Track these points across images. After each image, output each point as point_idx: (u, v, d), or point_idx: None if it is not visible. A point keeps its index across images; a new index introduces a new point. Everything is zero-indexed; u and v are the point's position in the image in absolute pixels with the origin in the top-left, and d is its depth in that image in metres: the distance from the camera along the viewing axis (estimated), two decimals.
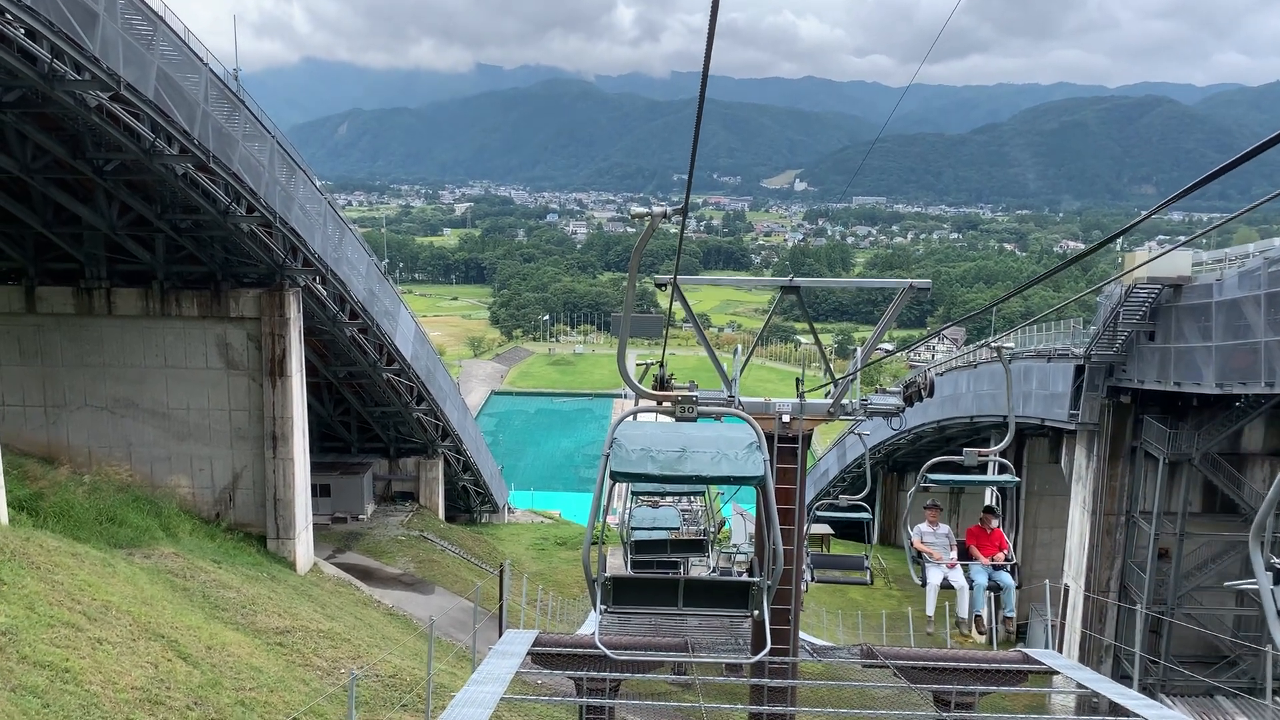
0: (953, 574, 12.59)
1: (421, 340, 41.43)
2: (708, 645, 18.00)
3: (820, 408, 10.49)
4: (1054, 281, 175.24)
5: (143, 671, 13.80)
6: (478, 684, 8.30)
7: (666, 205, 7.44)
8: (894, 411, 10.35)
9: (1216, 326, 24.74)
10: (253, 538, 31.16)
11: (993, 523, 13.21)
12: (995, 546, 13.01)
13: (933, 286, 10.40)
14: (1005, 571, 12.74)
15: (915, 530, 13.10)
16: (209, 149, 23.92)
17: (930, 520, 13.19)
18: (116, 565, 19.08)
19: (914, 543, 12.93)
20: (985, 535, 13.19)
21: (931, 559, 12.65)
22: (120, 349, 30.97)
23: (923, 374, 9.92)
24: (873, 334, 10.20)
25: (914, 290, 10.01)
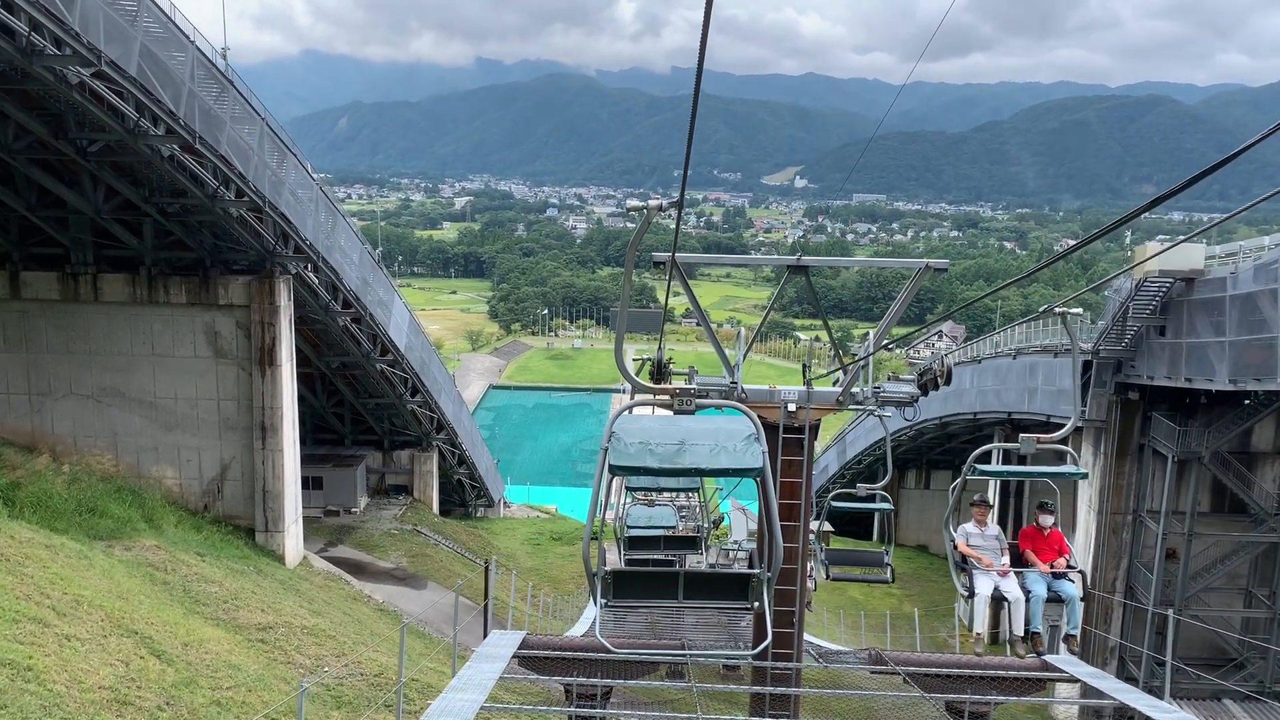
0: (1005, 583, 10.96)
1: (416, 331, 40.75)
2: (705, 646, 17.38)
3: (829, 396, 9.83)
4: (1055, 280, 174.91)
5: (112, 670, 13.13)
6: (456, 691, 7.65)
7: (663, 199, 7.40)
8: (908, 400, 9.69)
9: (1230, 321, 24.08)
10: (241, 530, 30.51)
11: (1048, 521, 11.55)
12: (1054, 550, 11.36)
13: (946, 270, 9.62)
14: (1067, 580, 11.08)
15: (959, 531, 11.37)
16: (195, 130, 23.22)
17: (977, 519, 11.53)
18: (94, 558, 18.43)
19: (958, 546, 11.24)
20: (1041, 537, 11.51)
21: (980, 565, 11.02)
22: (107, 336, 30.30)
23: (939, 360, 9.26)
24: (887, 315, 9.54)
25: (930, 271, 9.35)
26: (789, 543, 9.76)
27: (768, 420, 9.82)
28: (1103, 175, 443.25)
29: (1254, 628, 30.33)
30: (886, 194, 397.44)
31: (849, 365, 9.87)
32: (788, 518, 9.72)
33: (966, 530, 11.39)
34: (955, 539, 11.36)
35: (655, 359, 9.51)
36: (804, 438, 9.64)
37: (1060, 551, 11.33)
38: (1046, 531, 11.45)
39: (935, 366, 9.26)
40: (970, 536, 11.34)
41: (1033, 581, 10.98)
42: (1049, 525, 11.46)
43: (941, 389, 31.34)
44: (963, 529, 11.39)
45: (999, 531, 11.53)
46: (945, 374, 9.20)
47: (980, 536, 11.36)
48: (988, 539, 11.35)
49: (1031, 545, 11.41)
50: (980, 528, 11.44)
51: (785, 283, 10.29)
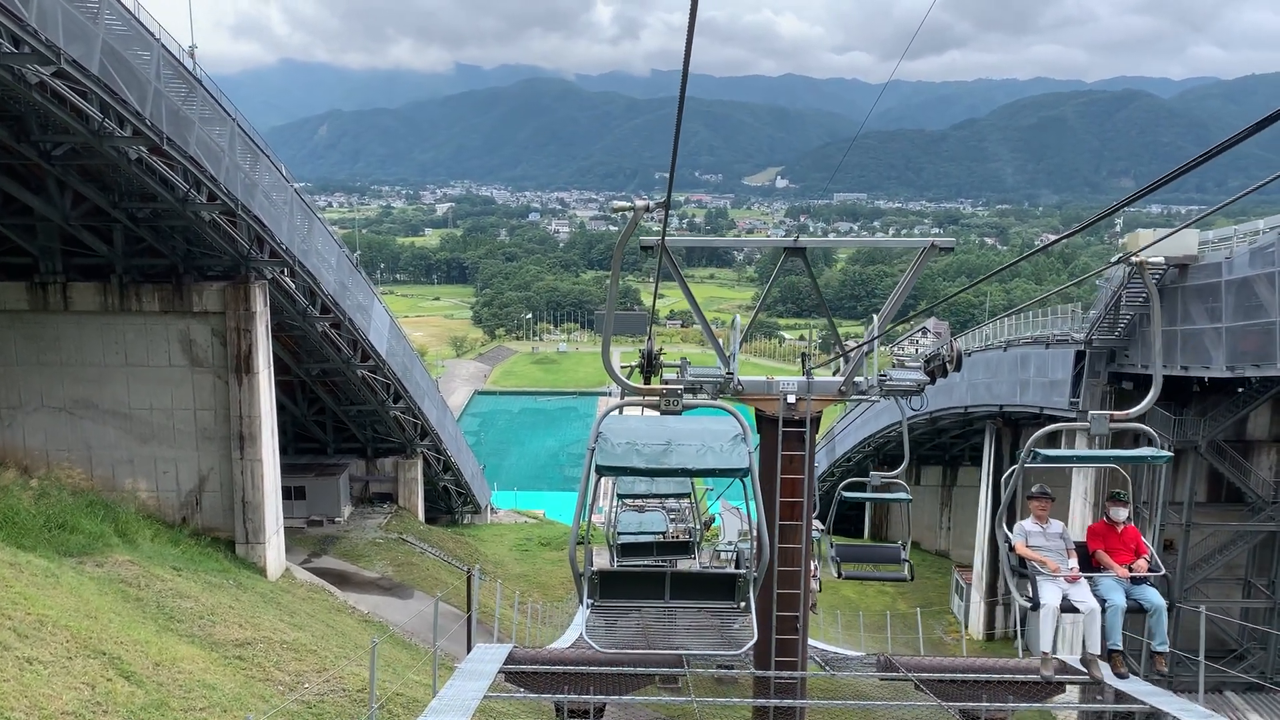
0: (1076, 591, 9.26)
1: (397, 335, 40.04)
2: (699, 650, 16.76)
3: (830, 386, 9.25)
4: (1036, 275, 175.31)
5: (76, 694, 12.44)
6: (436, 714, 7.02)
7: (650, 200, 7.39)
8: (915, 389, 9.10)
9: (1226, 307, 23.67)
10: (221, 543, 29.74)
11: (1122, 515, 9.85)
12: (1130, 550, 9.62)
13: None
14: (1149, 585, 9.42)
15: (1017, 529, 9.71)
16: (163, 131, 22.50)
17: (1037, 516, 9.81)
18: (62, 575, 17.70)
19: (1016, 548, 9.58)
20: (1114, 534, 9.76)
21: (1045, 570, 9.31)
22: (78, 347, 29.48)
23: (948, 344, 8.69)
24: (892, 297, 8.97)
25: (936, 250, 8.79)
26: (791, 543, 9.21)
27: (766, 413, 9.27)
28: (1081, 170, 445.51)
29: (1253, 618, 29.94)
30: (867, 193, 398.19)
31: (851, 352, 9.30)
32: (789, 516, 9.16)
33: (1025, 529, 9.74)
34: (1012, 539, 9.69)
35: (645, 350, 8.94)
36: (805, 431, 9.06)
37: (1138, 551, 9.63)
38: (1120, 528, 9.80)
39: (944, 352, 8.69)
40: (1030, 536, 9.69)
41: (1108, 588, 9.36)
42: (1123, 520, 9.84)
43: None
44: (1020, 527, 9.76)
45: (1063, 529, 9.90)
46: (955, 359, 8.61)
47: (1042, 535, 9.71)
48: (1051, 538, 9.70)
49: (1103, 544, 9.76)
50: (1041, 525, 9.79)
51: (781, 266, 9.72)
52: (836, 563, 14.91)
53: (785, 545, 9.19)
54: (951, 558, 49.41)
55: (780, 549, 9.20)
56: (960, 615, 42.57)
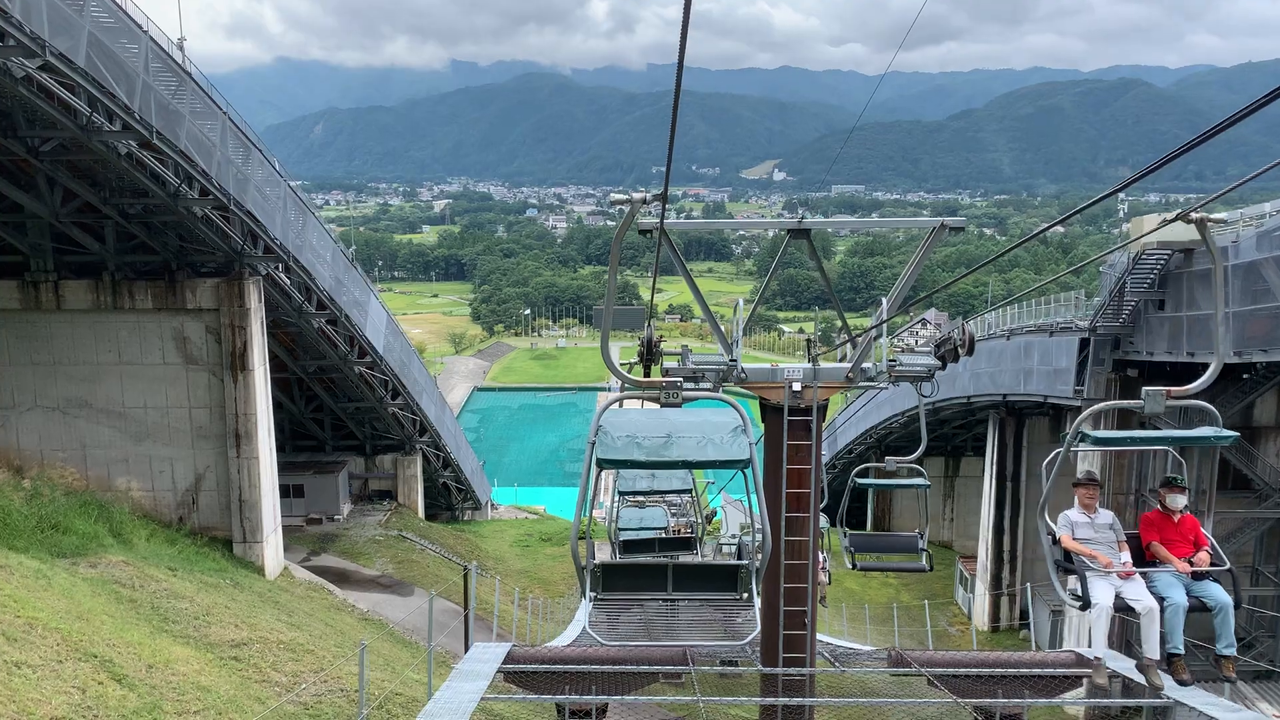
0: (1131, 588, 8.33)
1: (394, 331, 39.70)
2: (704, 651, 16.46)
3: (837, 373, 8.93)
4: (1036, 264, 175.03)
5: (66, 698, 12.13)
6: (430, 719, 6.71)
7: (647, 192, 7.39)
8: (925, 375, 8.77)
9: (1233, 291, 23.35)
10: (218, 542, 29.46)
11: (1180, 503, 8.80)
12: (1189, 542, 8.63)
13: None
14: (1212, 581, 8.47)
15: (1061, 520, 8.83)
16: (152, 124, 22.12)
17: (1084, 503, 8.95)
18: (54, 577, 17.39)
19: (1061, 540, 8.67)
20: (1170, 524, 8.76)
21: (1096, 565, 8.37)
22: (71, 345, 29.17)
23: (960, 327, 8.37)
24: (901, 279, 8.65)
25: (946, 231, 8.47)
26: (798, 535, 8.91)
27: (771, 402, 8.96)
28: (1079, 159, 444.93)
29: (1262, 605, 29.68)
30: (865, 184, 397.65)
31: (858, 338, 8.98)
32: (796, 508, 8.85)
33: (1071, 519, 8.86)
34: (1056, 531, 8.79)
35: (645, 338, 8.63)
36: (811, 420, 8.75)
37: (1197, 543, 8.63)
38: (1177, 517, 8.78)
39: (955, 335, 8.36)
40: (1077, 527, 8.79)
41: (1167, 585, 8.38)
42: (1180, 508, 8.80)
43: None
44: (1065, 517, 8.87)
45: (1113, 519, 8.95)
46: (967, 343, 8.28)
47: (1090, 526, 8.79)
48: (1100, 529, 8.77)
49: (1159, 535, 8.73)
50: (1089, 515, 8.89)
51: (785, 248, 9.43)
52: (850, 553, 14.04)
53: (792, 538, 8.88)
54: (955, 549, 49.09)
55: (787, 542, 8.90)
56: (965, 606, 42.31)
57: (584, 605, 14.44)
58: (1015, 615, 38.94)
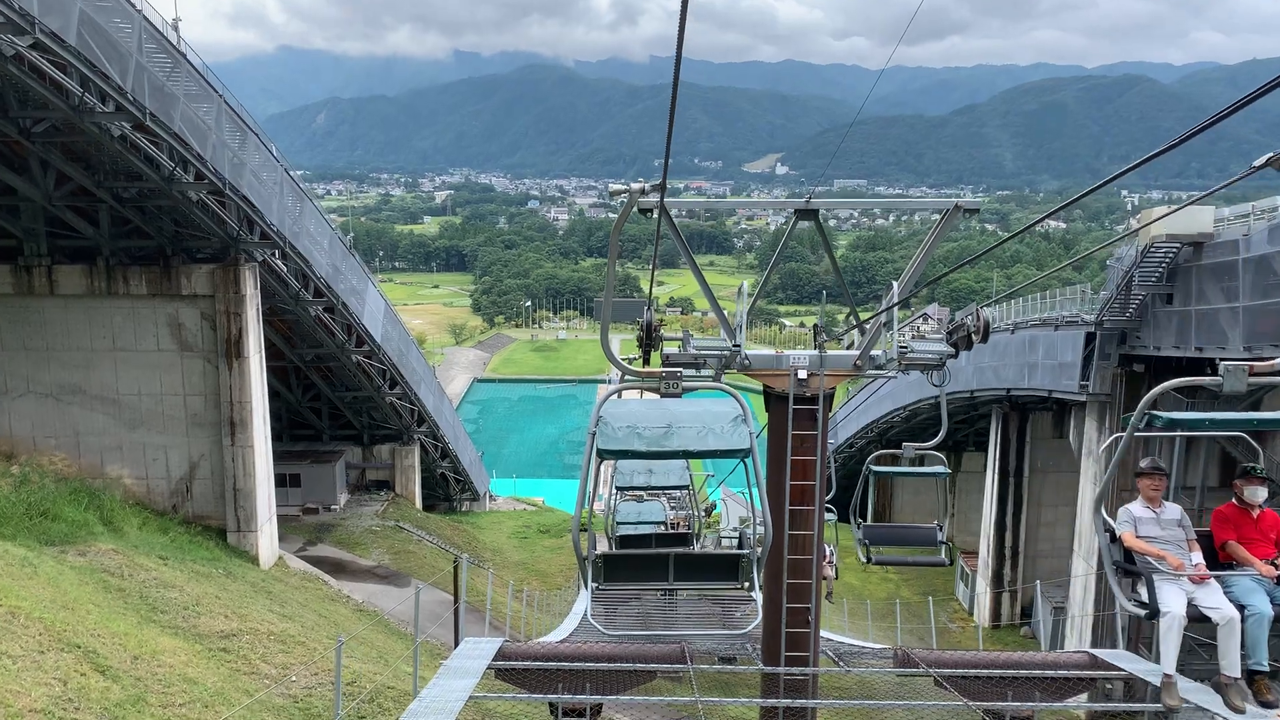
0: (1206, 594, 7.25)
1: (393, 320, 39.35)
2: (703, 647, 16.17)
3: (845, 360, 8.57)
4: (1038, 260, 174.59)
5: (46, 690, 11.80)
6: (415, 718, 6.37)
7: (646, 183, 7.35)
8: (937, 362, 8.41)
9: (1243, 286, 22.96)
10: (212, 531, 29.13)
11: (1260, 496, 7.66)
12: (1272, 541, 7.56)
13: None
14: None
15: (1123, 515, 7.82)
16: (145, 106, 21.75)
17: (1148, 496, 7.89)
18: (40, 565, 17.05)
19: (1123, 538, 7.64)
20: (1248, 520, 7.68)
21: (1165, 567, 7.30)
22: (65, 331, 28.82)
23: (973, 313, 8.00)
24: (913, 261, 8.30)
25: (960, 212, 8.10)
26: (803, 529, 8.57)
27: (775, 390, 8.61)
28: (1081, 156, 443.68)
29: None
30: (867, 179, 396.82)
31: (868, 321, 8.62)
32: (800, 500, 8.51)
33: (1134, 514, 7.79)
34: (1115, 527, 7.78)
35: (644, 322, 8.29)
36: (817, 409, 8.40)
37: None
38: (1256, 512, 7.66)
39: (969, 321, 8.01)
40: (1140, 523, 7.70)
41: (1248, 591, 7.24)
42: (1260, 502, 7.66)
43: None
44: (1127, 512, 7.82)
45: (1182, 514, 7.84)
46: (982, 329, 7.92)
47: (1156, 523, 7.68)
48: (1168, 526, 7.66)
49: (1236, 534, 7.65)
50: (1154, 509, 7.79)
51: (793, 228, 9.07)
52: (865, 546, 13.22)
53: (796, 532, 8.54)
54: (955, 544, 48.79)
55: (791, 536, 8.56)
56: (965, 602, 42.02)
57: (584, 596, 14.25)
58: (1016, 612, 38.64)
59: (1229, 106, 4.33)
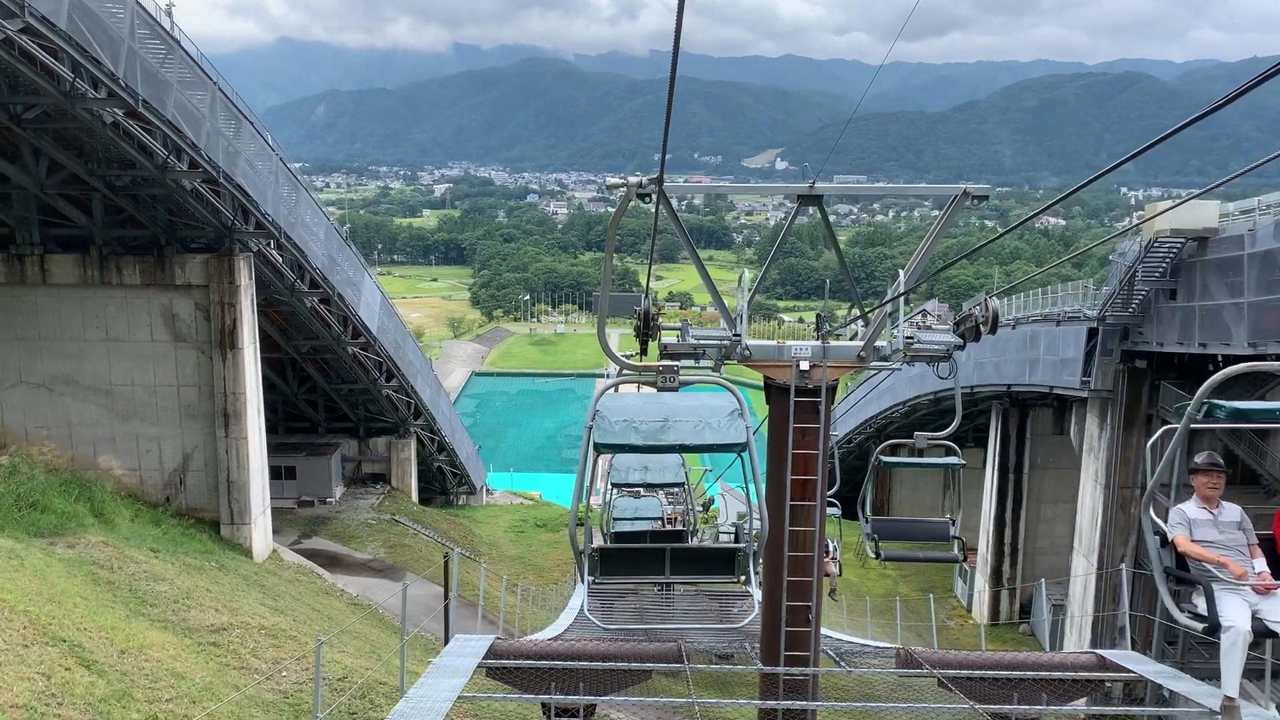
0: (1272, 606, 6.45)
1: (389, 312, 39.07)
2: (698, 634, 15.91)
3: (848, 351, 8.31)
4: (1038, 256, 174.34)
5: (29, 685, 11.56)
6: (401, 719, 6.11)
7: (643, 176, 7.40)
8: (944, 354, 8.14)
9: (1249, 281, 22.73)
10: (205, 523, 28.88)
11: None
12: None
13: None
14: None
15: (1175, 516, 6.94)
16: (138, 92, 21.46)
17: (1205, 495, 7.01)
18: (28, 557, 16.80)
19: (1177, 542, 6.81)
20: None
21: (1225, 575, 6.49)
22: (58, 321, 28.55)
23: (982, 302, 7.74)
24: (920, 248, 8.02)
25: (968, 198, 7.84)
26: (804, 525, 8.31)
27: (776, 382, 8.34)
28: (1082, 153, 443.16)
29: None
30: (867, 175, 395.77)
31: (873, 311, 8.35)
32: (801, 495, 8.24)
33: (1188, 515, 6.92)
34: (1168, 531, 6.91)
35: (641, 310, 8.02)
36: (820, 401, 8.14)
37: None
38: None
39: (977, 311, 7.76)
40: (1196, 525, 6.84)
41: None
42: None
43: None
44: (1180, 513, 6.95)
45: (1242, 515, 7.03)
46: (990, 319, 7.66)
47: (1213, 525, 6.86)
48: (1226, 529, 6.86)
49: None
50: (1211, 510, 6.96)
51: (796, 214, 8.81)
52: (874, 542, 12.36)
53: (797, 528, 8.28)
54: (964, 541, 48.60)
55: (791, 532, 8.29)
56: (963, 599, 41.81)
57: (580, 590, 14.15)
58: (1016, 609, 38.44)
59: (1222, 98, 4.33)
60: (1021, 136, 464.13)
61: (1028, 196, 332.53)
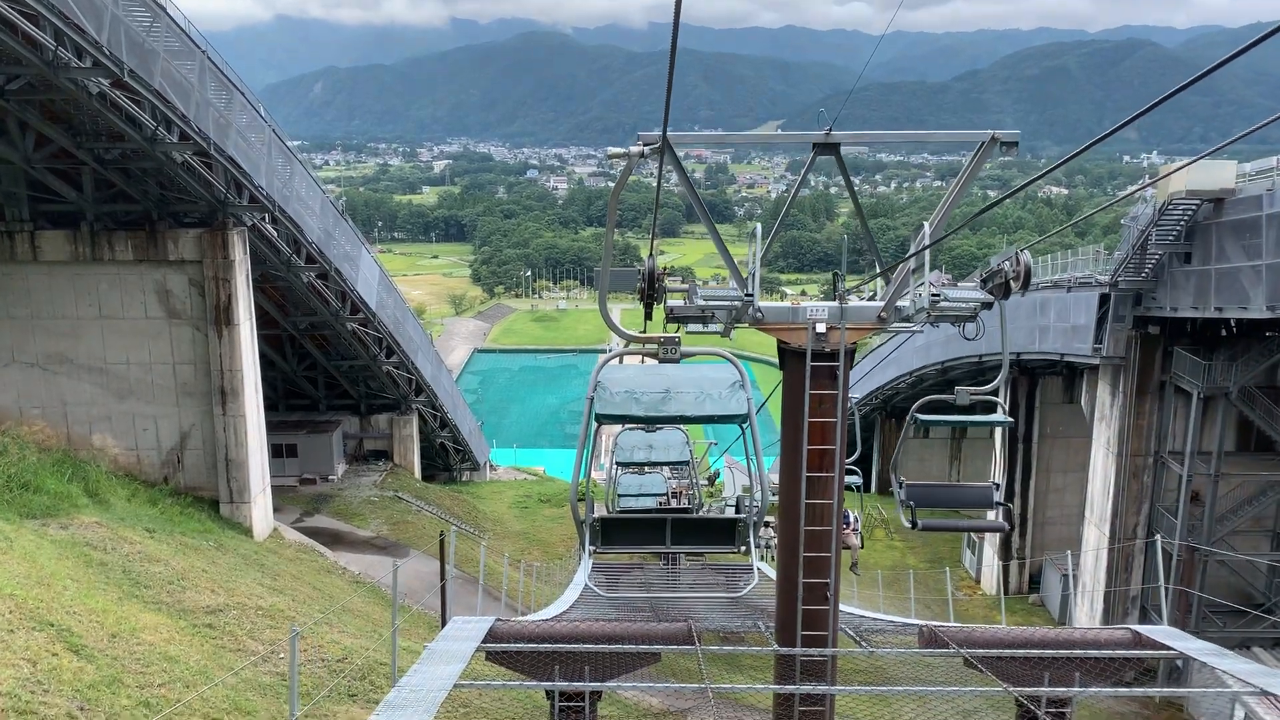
0: None
1: (388, 288, 38.50)
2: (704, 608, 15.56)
3: (868, 312, 7.79)
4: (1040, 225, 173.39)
5: (14, 671, 11.12)
6: (393, 710, 5.64)
7: (644, 145, 7.23)
8: (969, 314, 7.61)
9: (1267, 242, 22.15)
10: (204, 503, 28.46)
11: None
12: None
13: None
14: None
15: None
16: (124, 61, 20.82)
17: None
18: (17, 539, 16.36)
19: None
20: None
21: None
22: (50, 299, 28.02)
23: (1013, 256, 7.19)
24: (945, 198, 7.48)
25: (997, 145, 7.29)
26: (821, 498, 7.82)
27: (791, 345, 7.83)
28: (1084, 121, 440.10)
29: None
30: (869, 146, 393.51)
31: (895, 267, 7.82)
32: (818, 466, 7.75)
33: None
34: None
35: (646, 270, 7.50)
36: (838, 366, 7.62)
37: None
38: None
39: (1007, 266, 7.21)
40: None
41: None
42: None
43: (941, 333, 27.25)
44: None
45: None
46: (1022, 275, 7.11)
47: None
48: None
49: None
50: None
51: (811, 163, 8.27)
52: (910, 509, 11.11)
53: (814, 501, 7.79)
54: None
55: (808, 506, 7.81)
56: (972, 570, 41.44)
57: (584, 561, 13.95)
58: (1025, 581, 38.05)
59: (1221, 60, 4.35)
60: (1023, 105, 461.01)
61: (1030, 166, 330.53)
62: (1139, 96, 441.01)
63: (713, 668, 14.01)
